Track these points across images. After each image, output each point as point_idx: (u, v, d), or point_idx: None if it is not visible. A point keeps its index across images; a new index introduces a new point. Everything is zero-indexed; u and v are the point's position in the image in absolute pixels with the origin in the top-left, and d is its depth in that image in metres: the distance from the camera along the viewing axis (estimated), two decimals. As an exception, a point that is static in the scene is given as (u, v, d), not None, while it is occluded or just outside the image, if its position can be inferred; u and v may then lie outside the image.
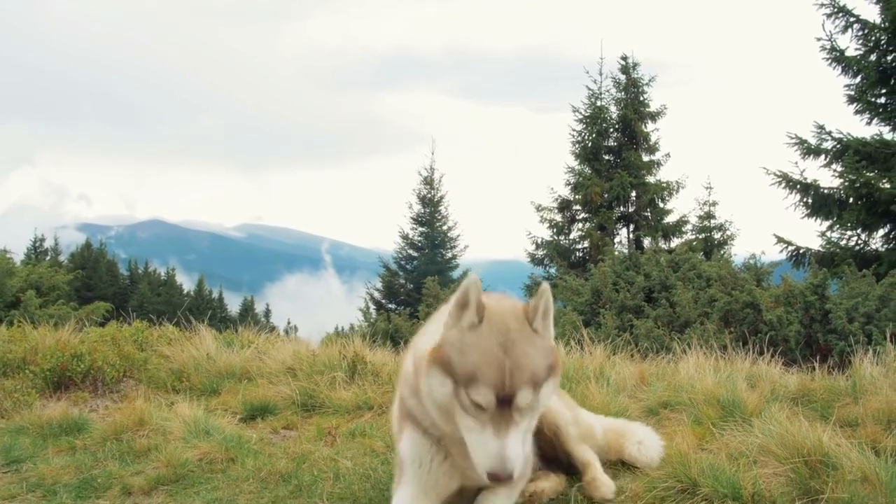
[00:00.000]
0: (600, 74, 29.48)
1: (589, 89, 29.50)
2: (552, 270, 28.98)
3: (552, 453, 3.98)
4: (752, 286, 10.51)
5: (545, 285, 2.93)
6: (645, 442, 4.34)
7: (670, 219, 28.82)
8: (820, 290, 9.31)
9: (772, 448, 4.05)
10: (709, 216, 28.95)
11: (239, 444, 4.74)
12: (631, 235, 29.37)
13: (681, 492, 3.84)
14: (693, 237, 28.27)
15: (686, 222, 28.72)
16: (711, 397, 5.10)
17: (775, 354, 6.78)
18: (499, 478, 2.67)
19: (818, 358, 7.05)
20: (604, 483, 3.78)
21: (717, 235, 28.69)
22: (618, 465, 4.32)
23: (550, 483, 3.86)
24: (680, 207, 29.34)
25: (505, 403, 2.69)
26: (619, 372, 6.07)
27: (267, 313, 73.22)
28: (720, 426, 4.59)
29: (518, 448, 2.75)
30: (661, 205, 28.98)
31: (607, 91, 29.59)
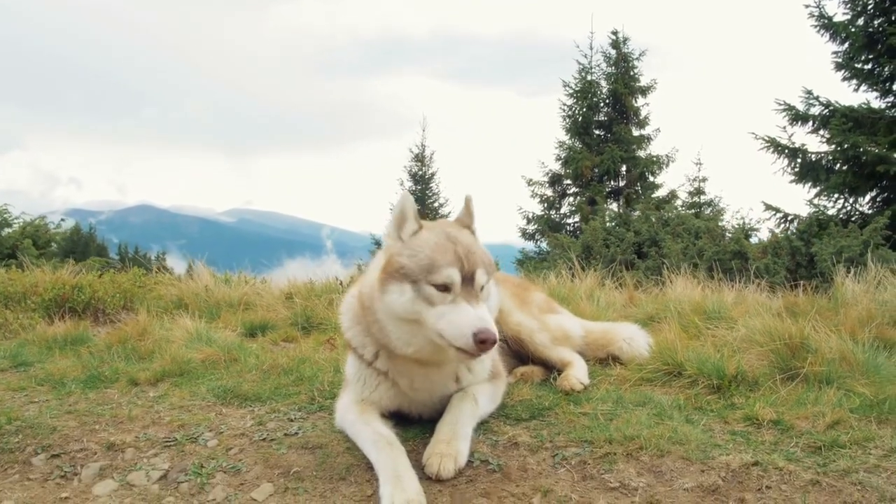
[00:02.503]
0: (591, 49, 29.54)
1: (579, 63, 29.53)
2: (543, 245, 29.13)
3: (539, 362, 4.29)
4: (738, 235, 10.67)
5: (468, 194, 3.28)
6: (633, 339, 4.54)
7: (660, 193, 28.97)
8: (806, 237, 9.49)
9: (755, 337, 4.23)
10: (699, 192, 29.13)
11: (241, 348, 4.89)
12: (621, 210, 29.54)
13: (666, 374, 4.02)
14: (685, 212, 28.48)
15: (676, 197, 28.89)
16: (698, 308, 5.28)
17: (762, 287, 6.95)
18: (486, 340, 2.78)
19: (802, 285, 7.23)
20: (573, 377, 4.01)
21: (707, 211, 28.91)
22: (608, 359, 4.51)
23: (538, 370, 4.16)
24: (670, 182, 29.53)
25: (467, 282, 2.92)
26: (610, 295, 6.23)
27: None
28: (706, 327, 4.77)
29: (491, 319, 2.91)
30: (652, 179, 29.11)
31: (598, 66, 29.66)
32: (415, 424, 3.45)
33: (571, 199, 29.74)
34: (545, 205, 29.80)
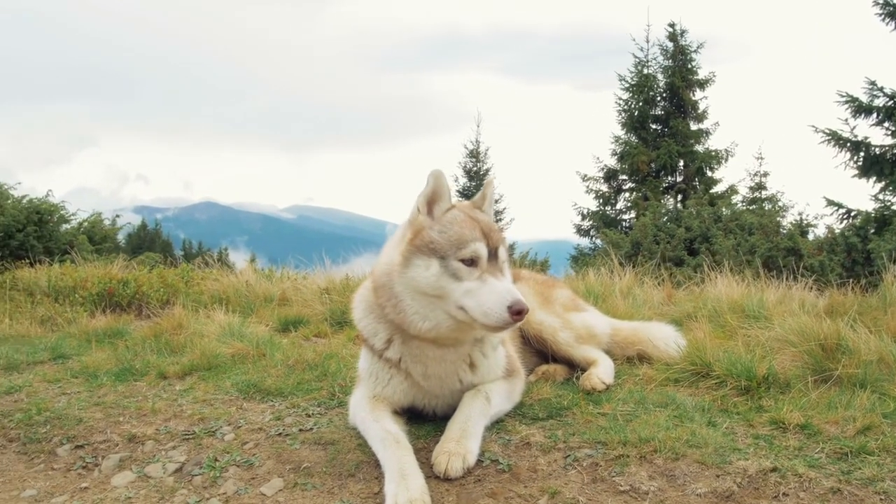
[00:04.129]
0: (647, 42, 29.00)
1: (635, 57, 29.00)
2: (598, 241, 28.76)
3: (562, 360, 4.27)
4: (794, 232, 10.33)
5: (490, 178, 3.24)
6: (664, 338, 4.43)
7: (719, 188, 28.28)
8: (863, 233, 9.13)
9: (789, 338, 4.08)
10: (760, 187, 28.34)
11: (270, 343, 4.94)
12: (679, 205, 28.93)
13: (694, 374, 3.90)
14: (744, 208, 27.75)
15: (735, 192, 28.16)
16: (736, 306, 5.12)
17: (810, 284, 6.71)
18: (521, 310, 2.83)
19: (852, 283, 6.95)
20: (595, 376, 3.95)
21: (767, 206, 28.11)
22: (638, 359, 4.41)
23: (561, 368, 4.10)
24: (729, 177, 28.80)
25: (492, 256, 3.01)
26: (648, 292, 6.10)
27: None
28: (740, 327, 4.61)
29: (517, 290, 2.93)
30: (710, 174, 28.45)
31: (654, 59, 29.09)
32: (428, 422, 3.42)
33: (627, 194, 29.29)
34: (600, 200, 29.41)
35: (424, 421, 3.44)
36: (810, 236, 12.17)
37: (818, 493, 2.61)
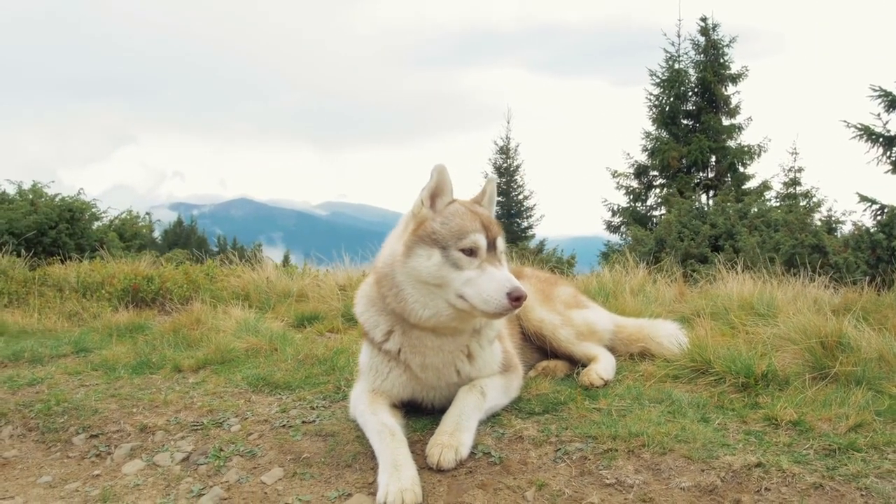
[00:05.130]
0: (678, 37, 28.70)
1: (666, 52, 28.72)
2: (629, 238, 28.56)
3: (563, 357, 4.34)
4: (820, 230, 10.21)
5: (492, 177, 3.51)
6: (668, 336, 4.46)
7: (751, 184, 27.91)
8: (888, 230, 9.01)
9: (791, 335, 4.09)
10: (794, 182, 27.91)
11: (283, 339, 5.07)
12: (710, 202, 28.60)
13: (694, 371, 3.94)
14: (777, 204, 27.33)
15: (769, 188, 27.76)
16: (745, 304, 5.13)
17: (827, 282, 6.66)
18: (520, 296, 2.96)
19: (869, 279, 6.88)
20: (594, 372, 4.01)
21: (802, 203, 27.65)
22: (642, 355, 4.46)
23: (562, 364, 4.17)
24: (762, 172, 28.37)
25: (491, 247, 3.15)
26: (660, 290, 6.12)
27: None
28: (743, 324, 4.63)
29: (514, 278, 3.06)
30: (742, 169, 28.08)
31: (686, 53, 28.78)
32: (426, 416, 3.51)
33: (657, 190, 29.05)
34: (630, 197, 29.19)
35: (422, 414, 3.53)
36: (839, 233, 11.99)
37: (800, 489, 2.65)
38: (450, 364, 3.40)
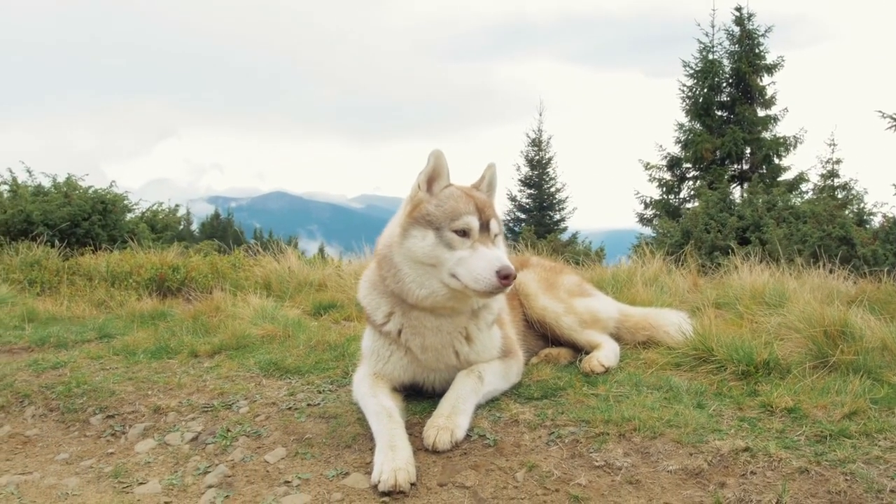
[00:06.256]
0: (712, 27, 28.30)
1: (700, 42, 28.35)
2: (660, 231, 28.27)
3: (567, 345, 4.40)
4: (848, 221, 10.06)
5: (492, 163, 3.56)
6: (673, 325, 4.48)
7: (787, 176, 27.43)
8: (917, 221, 8.87)
9: (796, 324, 4.09)
10: (832, 174, 27.38)
11: (298, 325, 5.20)
12: (745, 194, 28.18)
13: (696, 359, 3.97)
14: (814, 196, 26.84)
15: (805, 180, 27.26)
16: (757, 294, 5.12)
17: (846, 274, 6.60)
18: (508, 275, 3.05)
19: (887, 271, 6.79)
20: (596, 359, 4.07)
21: (840, 195, 27.13)
22: (642, 344, 4.50)
23: (565, 351, 4.23)
24: (798, 164, 27.87)
25: (483, 228, 3.23)
26: (675, 280, 6.12)
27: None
28: (756, 314, 4.63)
29: (507, 258, 3.15)
30: (777, 161, 27.62)
31: (720, 44, 28.37)
32: (426, 400, 3.59)
33: (690, 182, 28.72)
34: (663, 189, 28.91)
35: (422, 398, 3.62)
36: (869, 226, 11.82)
37: (785, 473, 2.68)
38: (448, 345, 3.48)
